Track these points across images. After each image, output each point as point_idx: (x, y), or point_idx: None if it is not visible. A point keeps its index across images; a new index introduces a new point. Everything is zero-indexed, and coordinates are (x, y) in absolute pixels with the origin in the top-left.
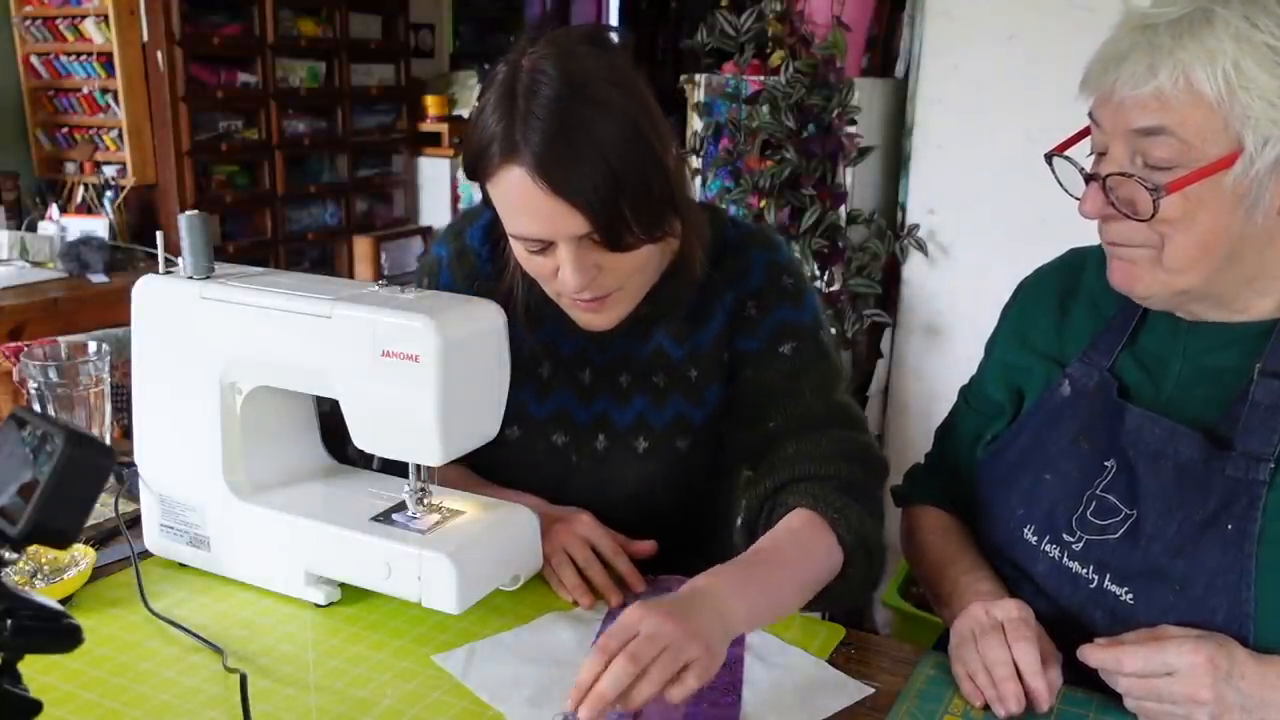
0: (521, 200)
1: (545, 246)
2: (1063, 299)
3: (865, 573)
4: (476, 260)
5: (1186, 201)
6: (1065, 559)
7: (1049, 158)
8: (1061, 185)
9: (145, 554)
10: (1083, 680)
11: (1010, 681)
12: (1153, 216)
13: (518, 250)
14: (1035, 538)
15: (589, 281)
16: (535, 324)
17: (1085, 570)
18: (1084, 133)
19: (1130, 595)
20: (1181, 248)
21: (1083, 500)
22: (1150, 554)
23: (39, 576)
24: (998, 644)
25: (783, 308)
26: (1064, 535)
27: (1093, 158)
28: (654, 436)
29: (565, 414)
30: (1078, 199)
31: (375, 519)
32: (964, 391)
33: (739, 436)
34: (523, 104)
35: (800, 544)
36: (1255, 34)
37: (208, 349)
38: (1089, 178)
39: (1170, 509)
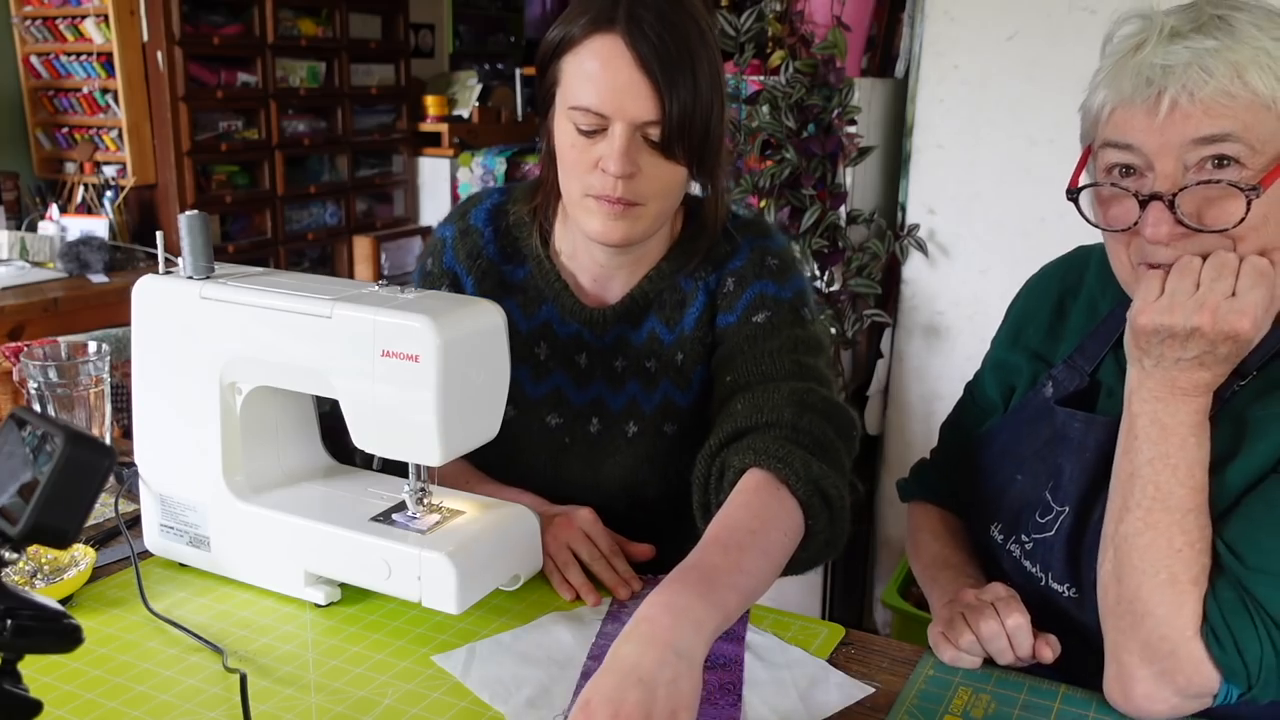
0: (602, 68)
1: (598, 130)
2: (1062, 298)
3: (826, 525)
4: (479, 240)
5: (1270, 200)
6: (1022, 558)
7: (1072, 197)
8: (1085, 218)
9: (145, 554)
10: (1082, 681)
11: (1007, 653)
12: (1241, 221)
13: (566, 136)
14: (1000, 536)
15: (627, 173)
16: (537, 302)
17: (1035, 569)
18: (1084, 159)
19: (1074, 591)
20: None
21: (1040, 502)
22: (1084, 548)
23: (39, 576)
24: (989, 616)
25: (762, 282)
26: (1022, 535)
27: (1110, 179)
28: (643, 421)
29: (560, 396)
30: (1110, 229)
31: (375, 519)
32: (969, 386)
33: (710, 410)
34: None
35: (756, 515)
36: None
37: (208, 349)
38: (1149, 199)
39: (1094, 502)
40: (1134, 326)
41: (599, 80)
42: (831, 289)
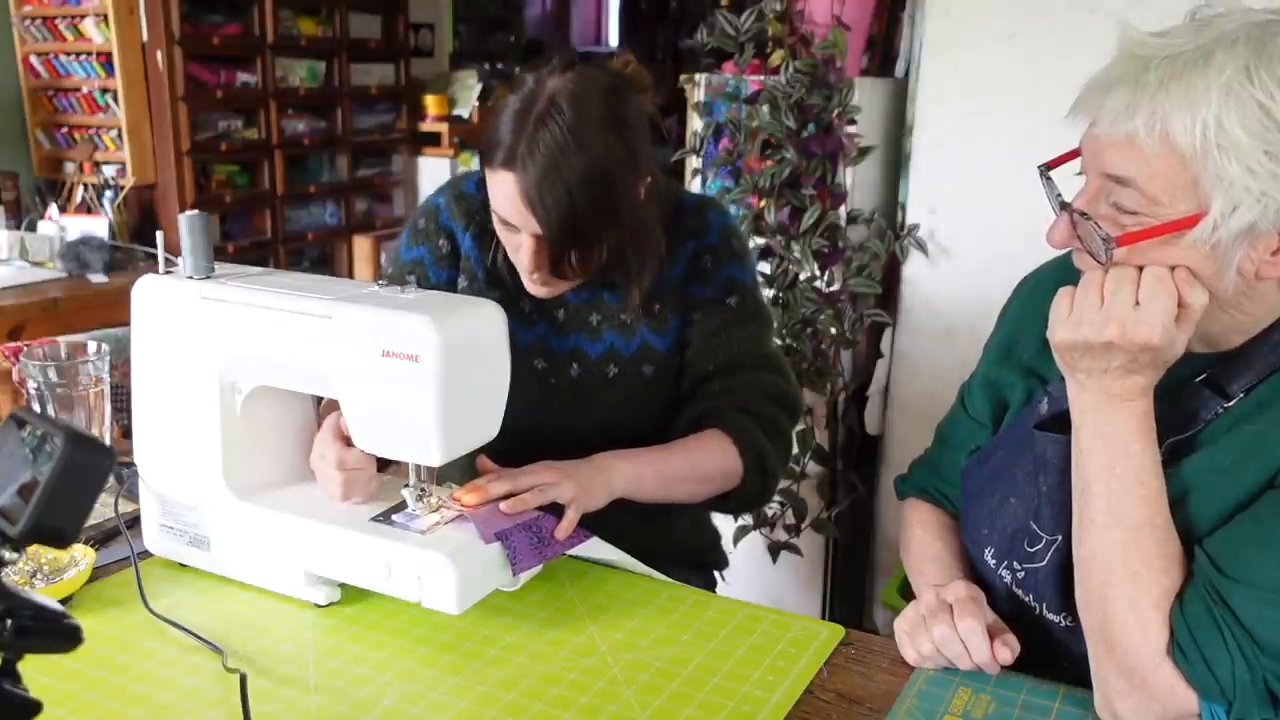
0: (506, 197)
1: (515, 229)
2: None
3: (759, 485)
4: (473, 204)
5: (1138, 256)
6: (1014, 586)
7: (1042, 172)
8: (1049, 201)
9: (145, 554)
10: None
11: (964, 659)
12: (1104, 264)
13: (495, 219)
14: (994, 560)
15: (539, 269)
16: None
17: (1028, 598)
18: (1076, 151)
19: (1069, 620)
20: None
21: (1029, 530)
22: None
23: (39, 576)
24: (943, 620)
25: (731, 266)
26: (1015, 563)
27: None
28: (623, 363)
29: (544, 344)
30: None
31: (375, 519)
32: (961, 391)
33: (681, 379)
34: (531, 129)
35: (698, 441)
36: (1248, 89)
37: (208, 349)
38: (1062, 205)
39: None
40: (1052, 344)
41: (505, 206)
42: (831, 289)
